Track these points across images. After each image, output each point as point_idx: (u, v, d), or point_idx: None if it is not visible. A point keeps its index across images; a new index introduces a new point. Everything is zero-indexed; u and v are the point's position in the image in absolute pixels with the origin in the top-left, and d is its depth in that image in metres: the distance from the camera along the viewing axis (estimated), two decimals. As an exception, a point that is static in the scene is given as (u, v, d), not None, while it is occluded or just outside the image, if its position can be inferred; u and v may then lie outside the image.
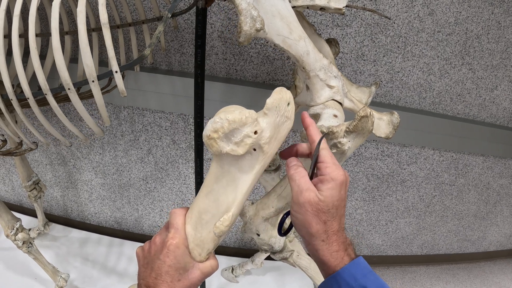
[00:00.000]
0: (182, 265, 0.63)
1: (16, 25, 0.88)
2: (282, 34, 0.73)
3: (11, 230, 1.37)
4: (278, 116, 0.61)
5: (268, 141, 0.61)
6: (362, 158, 1.67)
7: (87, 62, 0.85)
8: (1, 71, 0.90)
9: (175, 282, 0.62)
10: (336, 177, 0.60)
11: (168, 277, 0.62)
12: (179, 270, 0.62)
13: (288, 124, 0.63)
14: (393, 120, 0.85)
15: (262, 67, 1.39)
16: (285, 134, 0.64)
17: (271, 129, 0.61)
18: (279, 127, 0.62)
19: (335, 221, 0.60)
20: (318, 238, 0.60)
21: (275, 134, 0.61)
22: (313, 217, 0.59)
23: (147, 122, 1.56)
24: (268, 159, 0.63)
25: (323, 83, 0.81)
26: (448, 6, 1.31)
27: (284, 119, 0.62)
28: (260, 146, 0.61)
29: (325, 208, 0.59)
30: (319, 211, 0.59)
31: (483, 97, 1.57)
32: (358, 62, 1.40)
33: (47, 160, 1.77)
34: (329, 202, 0.59)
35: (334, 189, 0.59)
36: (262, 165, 0.63)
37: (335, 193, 0.59)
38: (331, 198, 0.59)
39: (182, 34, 1.34)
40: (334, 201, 0.59)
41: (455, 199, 1.91)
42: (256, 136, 0.60)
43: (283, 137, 0.63)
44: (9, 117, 1.01)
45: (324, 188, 0.59)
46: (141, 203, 1.85)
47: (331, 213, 0.60)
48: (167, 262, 0.62)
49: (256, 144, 0.60)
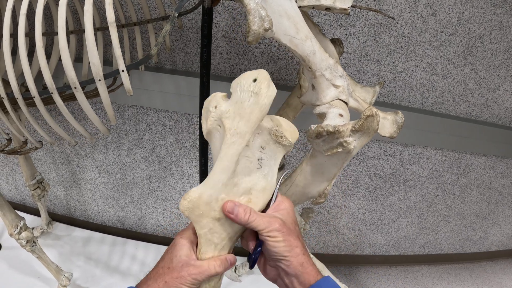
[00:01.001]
0: (177, 255, 0.66)
1: (22, 24, 0.88)
2: (289, 33, 0.74)
3: (14, 229, 1.37)
4: (242, 92, 0.61)
5: (228, 116, 0.62)
6: (365, 157, 1.67)
7: (94, 61, 0.85)
8: (8, 70, 0.90)
9: (164, 269, 0.66)
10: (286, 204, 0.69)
11: (161, 263, 0.67)
12: (171, 258, 0.67)
13: (255, 100, 0.61)
14: (398, 120, 0.86)
15: (266, 66, 1.40)
16: (253, 111, 0.62)
17: (231, 103, 0.62)
18: (242, 103, 0.61)
19: (300, 236, 0.68)
20: (300, 252, 0.65)
21: (238, 110, 0.61)
22: (289, 234, 0.66)
23: (151, 121, 1.56)
24: (239, 139, 0.62)
25: (328, 82, 0.81)
26: (451, 6, 1.32)
27: (249, 94, 0.61)
28: (222, 121, 0.63)
29: (290, 226, 0.67)
30: (289, 229, 0.66)
31: (485, 97, 1.57)
32: (361, 62, 1.41)
33: (50, 159, 1.78)
34: (289, 222, 0.67)
35: (289, 212, 0.69)
36: (229, 144, 0.62)
37: (290, 215, 0.69)
38: (290, 219, 0.68)
39: (187, 34, 1.34)
40: (292, 221, 0.68)
41: (457, 198, 1.92)
42: (215, 110, 0.63)
43: (253, 115, 0.61)
44: (15, 115, 1.01)
45: (281, 213, 0.68)
46: (145, 202, 1.86)
47: (296, 230, 0.68)
48: (168, 251, 0.69)
49: (219, 120, 0.63)
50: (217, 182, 0.64)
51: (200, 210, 0.66)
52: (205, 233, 0.67)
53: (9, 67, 0.90)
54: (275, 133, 0.65)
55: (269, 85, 0.61)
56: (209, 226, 0.66)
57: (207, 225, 0.66)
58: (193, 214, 0.66)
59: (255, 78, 0.62)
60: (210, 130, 0.65)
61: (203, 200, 0.65)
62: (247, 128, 0.61)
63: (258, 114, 0.61)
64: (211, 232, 0.67)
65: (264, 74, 0.62)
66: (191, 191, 0.66)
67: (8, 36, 0.89)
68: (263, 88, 0.61)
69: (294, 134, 0.68)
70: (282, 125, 0.67)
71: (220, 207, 0.65)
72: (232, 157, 0.62)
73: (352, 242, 2.01)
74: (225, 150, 0.63)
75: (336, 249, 2.03)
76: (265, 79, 0.62)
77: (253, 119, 0.61)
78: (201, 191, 0.65)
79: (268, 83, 0.61)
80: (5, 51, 0.89)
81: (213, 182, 0.64)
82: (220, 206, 0.65)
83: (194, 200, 0.65)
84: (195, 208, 0.66)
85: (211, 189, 0.65)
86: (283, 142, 0.65)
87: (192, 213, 0.66)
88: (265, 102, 0.61)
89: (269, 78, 0.62)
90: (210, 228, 0.66)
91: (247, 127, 0.61)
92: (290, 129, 0.68)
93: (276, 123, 0.66)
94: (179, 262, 0.65)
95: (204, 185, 0.65)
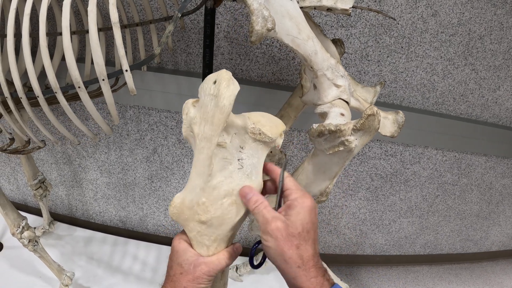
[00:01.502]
0: (184, 259, 0.67)
1: (26, 24, 0.89)
2: (291, 34, 0.75)
3: (17, 228, 1.38)
4: (205, 95, 0.61)
5: (195, 122, 0.63)
6: (366, 157, 1.68)
7: (98, 61, 0.86)
8: (12, 69, 0.91)
9: (177, 275, 0.66)
10: (303, 202, 0.60)
11: (172, 271, 0.67)
12: (181, 264, 0.66)
13: (215, 102, 0.61)
14: (398, 119, 0.87)
15: (267, 67, 1.41)
16: (215, 113, 0.61)
17: (198, 109, 0.63)
18: (206, 106, 0.61)
19: (308, 245, 0.59)
20: (293, 264, 0.59)
21: (203, 115, 0.62)
22: (284, 242, 0.58)
23: (153, 122, 1.57)
24: (207, 143, 0.62)
25: (330, 82, 0.82)
26: (452, 7, 1.32)
27: (210, 98, 0.61)
28: (192, 127, 0.64)
29: (295, 231, 0.58)
30: (289, 236, 0.58)
31: (485, 98, 1.58)
32: (362, 62, 1.41)
33: (52, 159, 1.79)
34: (298, 225, 0.59)
35: (302, 213, 0.59)
36: (199, 149, 0.63)
37: (304, 217, 0.59)
38: (300, 222, 0.59)
39: (189, 34, 1.35)
40: (304, 224, 0.59)
41: (458, 199, 1.92)
42: (186, 117, 0.64)
43: (215, 118, 0.61)
44: (18, 115, 1.02)
45: (291, 213, 0.60)
46: (146, 202, 1.86)
47: (303, 237, 0.59)
48: (172, 259, 0.68)
49: (190, 126, 0.64)
50: (195, 187, 0.65)
51: (185, 215, 0.67)
52: (194, 236, 0.68)
53: (13, 67, 0.91)
54: (252, 130, 0.64)
55: (228, 84, 0.61)
56: (197, 229, 0.67)
57: (194, 228, 0.67)
58: (180, 218, 0.67)
59: (215, 80, 0.61)
60: (186, 136, 0.66)
61: (185, 205, 0.66)
62: (212, 132, 0.62)
63: (220, 116, 0.61)
64: (200, 234, 0.67)
65: (223, 75, 0.61)
66: (175, 197, 0.67)
67: (12, 36, 0.90)
68: (221, 89, 0.60)
69: (275, 129, 0.66)
70: (260, 121, 0.66)
71: (203, 211, 0.65)
72: (203, 161, 0.63)
73: (353, 242, 2.01)
74: (197, 156, 0.63)
75: (337, 249, 2.03)
76: (223, 80, 0.61)
77: (216, 122, 0.61)
78: (183, 196, 0.67)
79: (227, 83, 0.61)
80: (9, 51, 0.90)
81: (192, 187, 0.65)
82: (203, 210, 0.65)
83: (178, 206, 0.67)
84: (180, 213, 0.67)
85: (190, 193, 0.66)
86: (262, 138, 0.64)
87: (179, 218, 0.68)
88: (225, 103, 0.60)
89: (228, 78, 0.61)
90: (198, 231, 0.67)
91: (211, 130, 0.61)
92: (270, 123, 0.66)
93: (253, 120, 0.65)
94: (190, 265, 0.66)
95: (185, 190, 0.67)
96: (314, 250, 0.60)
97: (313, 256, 0.60)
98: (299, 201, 0.60)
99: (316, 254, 0.61)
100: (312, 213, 0.60)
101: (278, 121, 0.68)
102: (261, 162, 0.67)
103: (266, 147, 0.66)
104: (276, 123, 0.67)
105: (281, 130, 0.67)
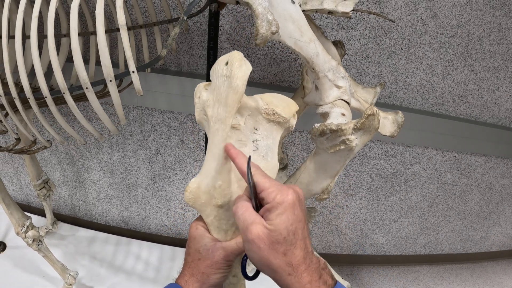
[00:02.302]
0: (202, 245, 0.66)
1: (35, 26, 0.91)
2: (294, 36, 0.77)
3: (21, 228, 1.39)
4: (217, 77, 0.61)
5: (209, 104, 0.62)
6: (366, 158, 1.69)
7: (105, 63, 0.88)
8: (20, 70, 0.93)
9: (195, 261, 0.66)
10: (282, 200, 0.53)
11: (189, 258, 0.67)
12: (198, 250, 0.66)
13: (228, 83, 0.60)
14: (398, 119, 0.88)
15: (269, 68, 1.42)
16: (228, 94, 0.60)
17: (210, 91, 0.62)
18: (219, 88, 0.61)
19: (296, 249, 0.53)
20: (283, 273, 0.53)
21: (216, 96, 0.61)
22: (269, 251, 0.52)
23: (156, 122, 1.59)
24: (221, 125, 0.62)
25: (331, 83, 0.84)
26: (451, 9, 1.34)
27: (223, 79, 0.60)
28: (205, 110, 0.63)
29: (279, 237, 0.52)
30: (273, 243, 0.52)
31: (485, 98, 1.59)
32: (362, 64, 1.43)
33: (55, 159, 1.80)
34: (282, 229, 0.52)
35: (284, 213, 0.52)
36: (213, 132, 0.62)
37: (287, 217, 0.52)
38: (283, 225, 0.52)
39: (192, 36, 1.37)
40: (287, 226, 0.52)
41: (458, 199, 1.93)
42: (199, 101, 0.64)
43: (229, 99, 0.60)
44: (25, 115, 1.03)
45: (272, 216, 0.53)
46: (149, 202, 1.88)
47: (289, 241, 0.52)
48: (190, 245, 0.68)
49: (203, 109, 0.64)
50: (211, 170, 0.64)
51: (201, 200, 0.67)
52: (212, 221, 0.67)
53: (22, 68, 0.92)
54: (266, 111, 0.64)
55: (240, 65, 0.60)
56: (214, 214, 0.67)
57: (211, 213, 0.67)
58: (197, 204, 0.67)
59: (227, 61, 0.61)
60: (199, 120, 0.66)
61: (201, 190, 0.66)
62: (226, 113, 0.61)
63: (234, 97, 0.60)
64: (218, 219, 0.67)
65: (235, 55, 0.61)
66: (191, 182, 0.67)
67: (20, 37, 0.91)
68: (234, 69, 0.60)
69: (288, 109, 0.65)
70: (273, 101, 0.65)
71: (220, 194, 0.65)
72: (218, 143, 0.62)
73: (354, 242, 2.03)
74: (211, 138, 0.63)
75: (338, 249, 2.04)
76: (235, 60, 0.60)
77: (230, 102, 0.60)
78: (199, 181, 0.66)
79: (239, 63, 0.60)
80: (17, 52, 0.91)
81: (207, 171, 0.65)
82: (219, 193, 0.65)
83: (194, 191, 0.66)
84: (196, 198, 0.67)
85: (206, 177, 0.65)
86: (276, 119, 0.64)
87: (195, 203, 0.67)
88: (238, 83, 0.59)
89: (240, 58, 0.60)
90: (215, 215, 0.67)
91: (225, 112, 0.61)
92: (282, 104, 0.65)
93: (266, 101, 0.65)
94: (208, 250, 0.65)
95: (200, 175, 0.66)
96: (304, 252, 0.54)
97: (304, 259, 0.54)
98: (278, 201, 0.53)
99: (308, 254, 0.54)
100: (296, 209, 0.54)
101: (290, 101, 0.68)
102: (276, 143, 0.66)
103: (281, 128, 0.66)
104: (289, 103, 0.67)
105: (294, 110, 0.67)
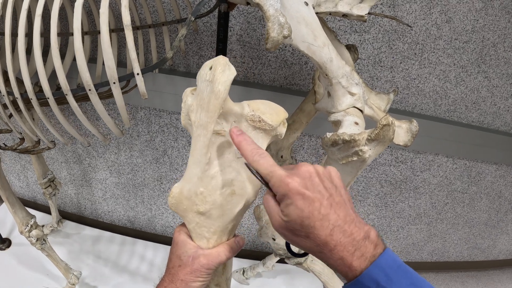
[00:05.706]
0: (183, 251, 0.66)
1: (38, 25, 0.89)
2: (307, 40, 0.74)
3: (25, 227, 1.39)
4: (201, 82, 0.60)
5: (193, 109, 0.61)
6: (376, 164, 1.67)
7: (109, 64, 0.86)
8: (22, 70, 0.91)
9: (175, 268, 0.65)
10: (285, 191, 0.52)
11: (171, 264, 0.67)
12: (179, 256, 0.66)
13: (211, 88, 0.58)
14: (412, 128, 0.86)
15: (280, 71, 1.40)
16: (210, 100, 0.59)
17: (195, 96, 0.61)
18: (202, 93, 0.59)
19: (316, 229, 0.51)
20: (314, 252, 0.54)
21: (200, 101, 0.60)
22: (293, 237, 0.54)
23: (164, 123, 1.57)
24: (203, 130, 0.60)
25: (344, 90, 0.81)
26: (466, 14, 1.31)
27: (206, 84, 0.59)
28: (189, 115, 0.62)
29: (295, 226, 0.52)
30: (293, 231, 0.53)
31: (497, 106, 1.56)
32: (375, 68, 1.41)
33: (62, 158, 1.80)
34: (295, 218, 0.52)
35: (292, 203, 0.52)
36: (195, 137, 0.61)
37: (295, 206, 0.51)
38: (295, 214, 0.52)
39: (201, 37, 1.35)
40: (299, 214, 0.51)
41: (467, 206, 1.91)
42: (184, 105, 0.62)
43: (211, 104, 0.59)
44: (28, 115, 1.02)
45: (283, 207, 0.53)
46: (155, 203, 1.87)
47: (306, 226, 0.51)
48: (172, 251, 0.68)
49: (188, 114, 0.62)
50: (192, 176, 0.63)
51: (183, 205, 0.65)
52: (193, 228, 0.66)
53: (24, 68, 0.90)
54: (251, 118, 0.62)
55: (223, 70, 0.58)
56: (195, 221, 0.65)
57: (193, 219, 0.66)
58: (179, 209, 0.66)
59: (211, 66, 0.59)
60: (185, 125, 0.65)
61: (184, 195, 0.65)
62: (207, 118, 0.59)
63: (215, 102, 0.58)
64: (199, 226, 0.66)
65: (220, 60, 0.59)
66: (174, 187, 0.66)
67: (23, 36, 0.89)
68: (216, 74, 0.58)
69: (276, 116, 0.63)
70: (260, 108, 0.63)
71: (201, 201, 0.64)
72: (200, 149, 0.61)
73: (360, 247, 2.00)
74: (194, 144, 0.62)
75: (343, 254, 2.02)
76: (219, 65, 0.59)
77: (211, 108, 0.59)
78: (181, 186, 0.65)
79: (222, 68, 0.58)
80: (20, 52, 0.90)
81: (189, 177, 0.63)
82: (201, 200, 0.64)
83: (177, 196, 0.65)
84: (179, 204, 0.66)
85: (188, 183, 0.64)
86: (262, 126, 0.62)
87: (178, 209, 0.66)
88: (220, 88, 0.58)
89: (224, 63, 0.59)
90: (196, 222, 0.66)
91: (207, 117, 0.59)
92: (270, 111, 0.63)
93: (253, 107, 0.63)
94: (188, 257, 0.65)
95: (183, 180, 0.65)
96: (328, 230, 0.51)
97: (330, 236, 0.51)
98: (282, 192, 0.53)
99: (335, 230, 0.51)
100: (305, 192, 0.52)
101: (279, 108, 0.65)
102: None
103: (267, 136, 0.64)
104: (277, 110, 0.65)
105: (283, 118, 0.64)
